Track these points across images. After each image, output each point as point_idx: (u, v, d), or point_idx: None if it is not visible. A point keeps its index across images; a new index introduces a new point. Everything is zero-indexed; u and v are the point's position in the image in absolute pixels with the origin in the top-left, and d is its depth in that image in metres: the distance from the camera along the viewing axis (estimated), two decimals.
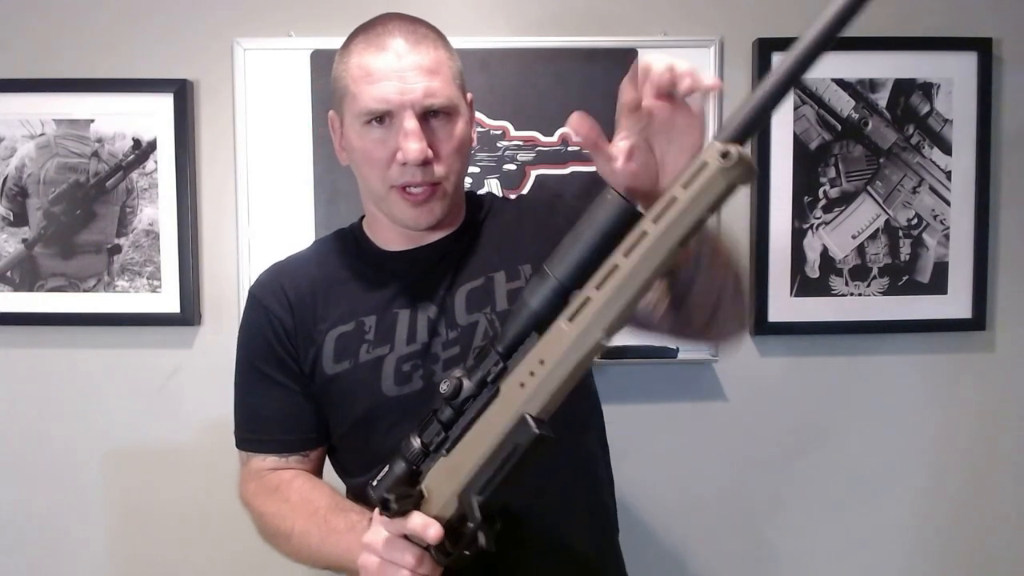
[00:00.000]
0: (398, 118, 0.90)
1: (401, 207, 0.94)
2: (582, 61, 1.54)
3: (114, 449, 1.62)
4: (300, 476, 1.00)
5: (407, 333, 0.95)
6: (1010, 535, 1.68)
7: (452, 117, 0.93)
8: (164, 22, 1.57)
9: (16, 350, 1.61)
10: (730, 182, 0.63)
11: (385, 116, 0.90)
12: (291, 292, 1.00)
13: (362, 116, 0.91)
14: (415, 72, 0.89)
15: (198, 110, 1.59)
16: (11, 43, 1.57)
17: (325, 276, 1.01)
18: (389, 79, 0.89)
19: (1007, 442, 1.67)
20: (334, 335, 0.97)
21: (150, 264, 1.58)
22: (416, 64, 0.90)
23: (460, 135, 0.94)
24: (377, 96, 0.89)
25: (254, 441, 1.03)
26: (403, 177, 0.92)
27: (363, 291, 0.99)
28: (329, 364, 0.97)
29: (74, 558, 1.63)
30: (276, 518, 0.96)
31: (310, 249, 1.09)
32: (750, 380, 1.64)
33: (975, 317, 1.61)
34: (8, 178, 1.57)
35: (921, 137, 1.59)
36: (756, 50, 1.57)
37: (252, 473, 1.03)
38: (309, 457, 1.02)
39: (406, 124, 0.89)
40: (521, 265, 0.98)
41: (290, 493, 0.97)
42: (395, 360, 0.95)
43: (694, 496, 1.65)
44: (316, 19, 1.56)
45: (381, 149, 0.92)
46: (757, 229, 1.59)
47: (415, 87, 0.89)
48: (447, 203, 0.96)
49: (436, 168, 0.92)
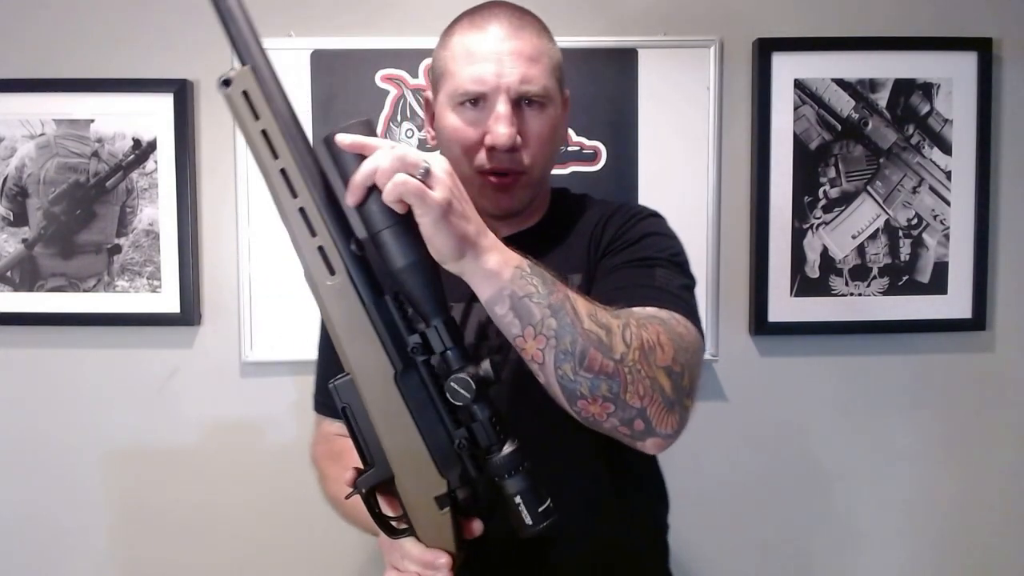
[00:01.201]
0: (491, 101, 0.90)
1: (485, 192, 0.94)
2: (582, 61, 1.54)
3: (114, 449, 1.62)
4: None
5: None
6: (1009, 535, 1.68)
7: (545, 108, 0.93)
8: (164, 22, 1.57)
9: (16, 350, 1.61)
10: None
11: (479, 99, 0.91)
12: None
13: (457, 96, 0.92)
14: (513, 57, 0.90)
15: (198, 110, 1.59)
16: (11, 43, 1.57)
17: None
18: (488, 61, 0.90)
19: (1007, 442, 1.67)
20: None
21: (150, 264, 1.58)
22: (516, 49, 0.90)
23: (552, 126, 0.94)
24: (474, 77, 0.90)
25: (324, 405, 1.08)
26: (490, 162, 0.92)
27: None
28: None
29: (74, 558, 1.63)
30: (337, 481, 0.99)
31: None
32: (750, 380, 1.64)
33: (975, 317, 1.61)
34: (8, 178, 1.57)
35: (921, 137, 1.59)
36: (756, 50, 1.57)
37: (322, 436, 1.07)
38: None
39: (499, 107, 0.89)
40: (571, 274, 0.96)
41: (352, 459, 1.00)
42: None
43: (693, 496, 1.65)
44: (316, 19, 1.56)
45: (472, 130, 0.92)
46: (757, 229, 1.59)
47: (512, 72, 0.89)
48: (529, 194, 0.96)
49: (524, 156, 0.92)
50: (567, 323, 0.72)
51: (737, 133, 1.60)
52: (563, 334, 0.72)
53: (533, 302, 0.72)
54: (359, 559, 1.62)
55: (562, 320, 0.72)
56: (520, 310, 0.72)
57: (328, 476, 1.01)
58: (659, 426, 0.77)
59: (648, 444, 0.79)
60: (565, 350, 0.72)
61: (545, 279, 0.74)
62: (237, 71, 0.71)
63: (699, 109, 1.57)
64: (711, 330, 1.59)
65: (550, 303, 0.73)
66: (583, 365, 0.73)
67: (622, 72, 1.54)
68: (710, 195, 1.58)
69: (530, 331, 0.73)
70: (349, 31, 1.55)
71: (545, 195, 1.04)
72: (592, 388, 0.73)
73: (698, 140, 1.57)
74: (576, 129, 1.55)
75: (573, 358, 0.72)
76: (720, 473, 1.65)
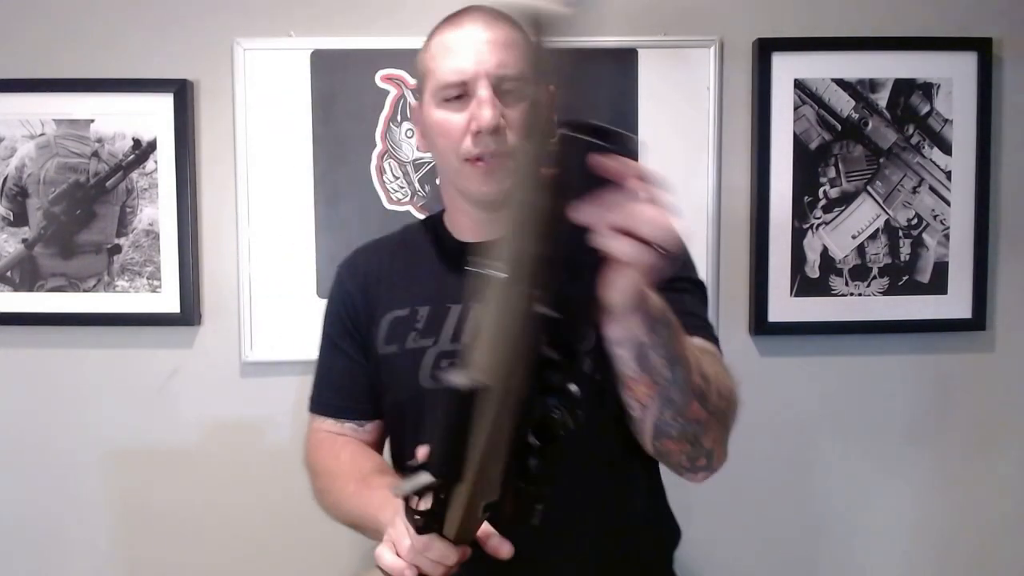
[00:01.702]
0: (472, 89, 0.92)
1: (472, 179, 0.95)
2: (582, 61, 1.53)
3: (114, 449, 1.62)
4: (353, 443, 1.06)
5: (453, 330, 0.97)
6: (1010, 535, 1.68)
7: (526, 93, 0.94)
8: (164, 22, 1.57)
9: (16, 350, 1.61)
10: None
11: (462, 94, 0.93)
12: (365, 270, 1.07)
13: (440, 91, 0.94)
14: (490, 45, 0.92)
15: (198, 110, 1.59)
16: (11, 43, 1.57)
17: (397, 260, 1.07)
18: (466, 50, 0.92)
19: (1007, 442, 1.67)
20: (389, 318, 1.01)
21: (150, 264, 1.58)
22: (492, 38, 0.93)
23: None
24: (453, 67, 0.92)
25: (318, 403, 1.10)
26: (476, 147, 0.93)
27: (425, 279, 1.02)
28: (381, 344, 1.01)
29: (74, 558, 1.63)
30: (324, 475, 1.02)
31: (396, 232, 1.14)
32: (750, 380, 1.61)
33: (975, 317, 1.61)
34: (8, 178, 1.57)
35: (921, 137, 1.59)
36: (756, 50, 1.57)
37: (314, 433, 1.10)
38: (365, 428, 1.07)
39: (480, 92, 0.91)
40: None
41: (342, 453, 1.03)
42: (435, 354, 0.97)
43: (693, 495, 1.65)
44: (316, 19, 1.56)
45: (456, 122, 0.94)
46: (757, 229, 1.59)
47: (489, 58, 0.92)
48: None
49: (509, 136, 0.92)
50: (680, 376, 0.75)
51: (737, 133, 1.60)
52: (674, 386, 0.75)
53: (656, 353, 0.73)
54: (358, 559, 1.62)
55: (676, 373, 0.75)
56: (642, 358, 0.73)
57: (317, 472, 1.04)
58: (715, 463, 0.86)
59: (699, 476, 0.87)
60: (671, 399, 0.76)
61: (671, 329, 0.74)
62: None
63: (699, 109, 1.57)
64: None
65: (670, 355, 0.74)
66: (683, 414, 0.77)
67: (622, 72, 1.54)
68: (710, 195, 1.58)
69: (646, 378, 0.75)
70: (349, 31, 1.55)
71: None
72: (682, 432, 0.79)
73: (698, 140, 1.57)
74: None
75: (676, 406, 0.76)
76: (719, 473, 1.65)
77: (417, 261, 1.05)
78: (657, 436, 0.80)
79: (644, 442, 0.84)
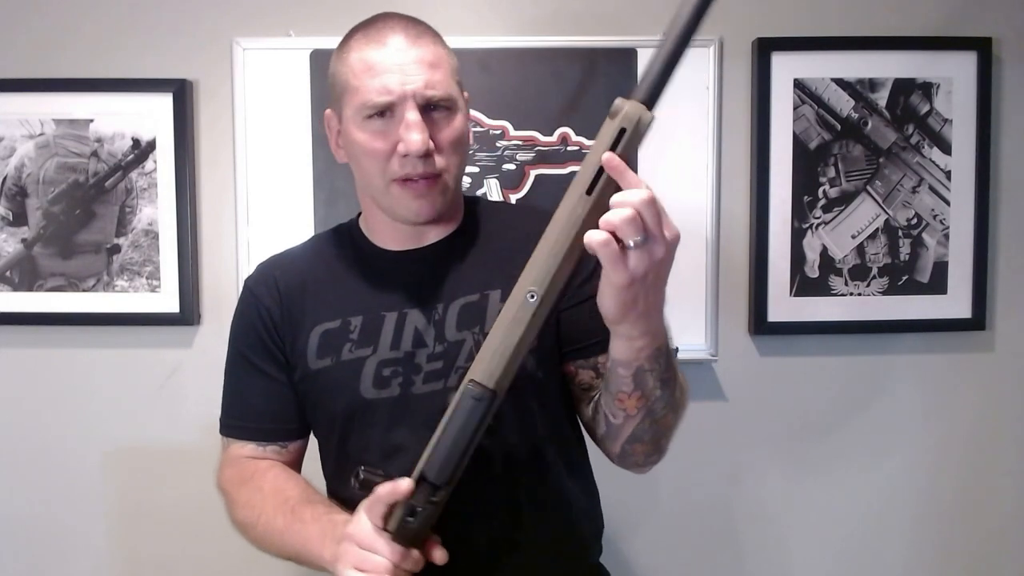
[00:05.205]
0: (399, 110, 0.90)
1: (402, 200, 0.93)
2: (581, 61, 1.54)
3: (114, 448, 1.62)
4: (276, 467, 1.01)
5: (392, 338, 0.95)
6: (1010, 535, 1.68)
7: (452, 112, 0.93)
8: (164, 22, 1.57)
9: (16, 350, 1.61)
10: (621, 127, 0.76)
11: (387, 110, 0.90)
12: (282, 285, 1.02)
13: (364, 110, 0.91)
14: (416, 65, 0.90)
15: (198, 110, 1.59)
16: (11, 43, 1.58)
17: (317, 271, 1.02)
18: (391, 71, 0.90)
19: (1007, 442, 1.67)
20: (319, 331, 0.98)
21: (149, 264, 1.58)
22: (417, 57, 0.90)
23: (460, 129, 0.94)
24: (379, 88, 0.90)
25: (235, 427, 1.05)
26: (403, 169, 0.91)
27: (353, 290, 0.99)
28: (312, 359, 0.97)
29: (74, 558, 1.63)
30: (247, 506, 0.97)
31: (307, 243, 1.10)
32: (750, 380, 1.64)
33: (975, 317, 1.61)
34: (8, 178, 1.57)
35: (921, 137, 1.59)
36: (756, 50, 1.57)
37: (230, 459, 1.04)
38: (288, 449, 1.04)
39: (408, 115, 0.89)
40: (489, 291, 0.96)
41: (263, 482, 0.98)
42: (376, 363, 0.95)
43: (693, 495, 1.65)
44: (316, 19, 1.56)
45: (382, 141, 0.91)
46: (757, 229, 1.59)
47: (416, 79, 0.89)
48: (447, 198, 0.95)
49: (437, 160, 0.91)
50: (667, 395, 0.85)
51: (737, 133, 1.60)
52: (661, 401, 0.85)
53: (653, 375, 0.82)
54: None
55: (665, 394, 0.84)
56: (639, 379, 0.82)
57: (239, 500, 0.99)
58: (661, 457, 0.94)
59: (645, 470, 0.95)
60: (654, 411, 0.85)
61: (668, 358, 0.83)
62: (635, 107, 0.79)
63: (699, 109, 1.57)
64: (711, 330, 1.59)
65: (663, 378, 0.83)
66: (659, 422, 0.87)
67: (622, 72, 1.54)
68: (710, 195, 1.58)
69: (638, 394, 0.84)
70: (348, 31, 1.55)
71: (460, 198, 1.03)
72: (653, 437, 0.89)
73: (698, 140, 1.57)
74: (576, 129, 1.55)
75: (655, 416, 0.86)
76: (719, 472, 1.65)
77: (340, 272, 1.01)
78: (630, 441, 0.88)
79: (612, 445, 0.91)
